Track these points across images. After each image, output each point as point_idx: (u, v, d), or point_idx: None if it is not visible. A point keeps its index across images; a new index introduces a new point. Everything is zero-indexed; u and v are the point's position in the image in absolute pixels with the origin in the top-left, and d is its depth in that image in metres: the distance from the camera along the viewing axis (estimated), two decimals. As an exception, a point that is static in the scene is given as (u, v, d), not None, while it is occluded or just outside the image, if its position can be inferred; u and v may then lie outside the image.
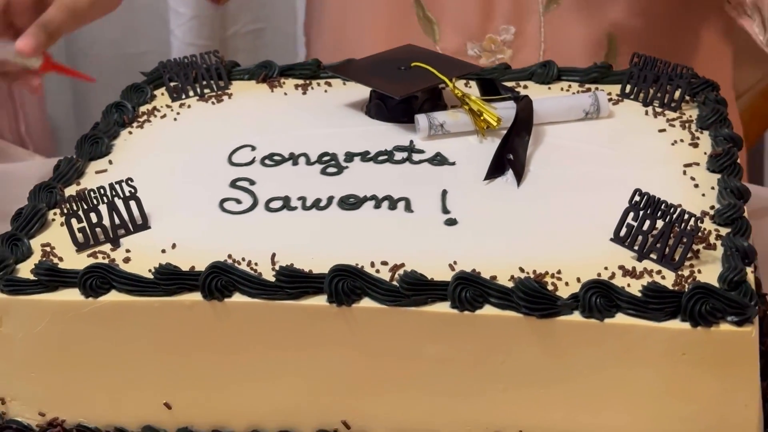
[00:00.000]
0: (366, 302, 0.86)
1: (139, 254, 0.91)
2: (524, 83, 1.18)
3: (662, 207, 0.88)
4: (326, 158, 1.04)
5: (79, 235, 0.92)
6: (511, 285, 0.85)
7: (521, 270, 0.87)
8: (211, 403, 0.91)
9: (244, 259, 0.89)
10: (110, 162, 1.06)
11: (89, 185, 0.99)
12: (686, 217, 0.87)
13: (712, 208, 0.93)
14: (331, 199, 0.98)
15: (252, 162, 1.05)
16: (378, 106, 1.10)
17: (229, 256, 0.89)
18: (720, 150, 1.01)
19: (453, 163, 1.03)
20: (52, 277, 0.89)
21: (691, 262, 0.87)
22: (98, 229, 0.93)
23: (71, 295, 0.88)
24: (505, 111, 1.06)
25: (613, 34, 1.37)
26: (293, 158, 1.04)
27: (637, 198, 0.89)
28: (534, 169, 1.02)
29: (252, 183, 1.01)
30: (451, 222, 0.94)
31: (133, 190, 0.94)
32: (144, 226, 0.95)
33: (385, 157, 1.04)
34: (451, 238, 0.92)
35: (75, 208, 0.92)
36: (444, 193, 0.98)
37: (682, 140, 1.05)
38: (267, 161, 1.04)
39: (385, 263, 0.88)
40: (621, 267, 0.87)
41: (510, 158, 1.01)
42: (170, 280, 0.88)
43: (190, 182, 1.03)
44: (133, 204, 0.94)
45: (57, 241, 0.94)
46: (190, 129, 1.12)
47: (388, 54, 1.17)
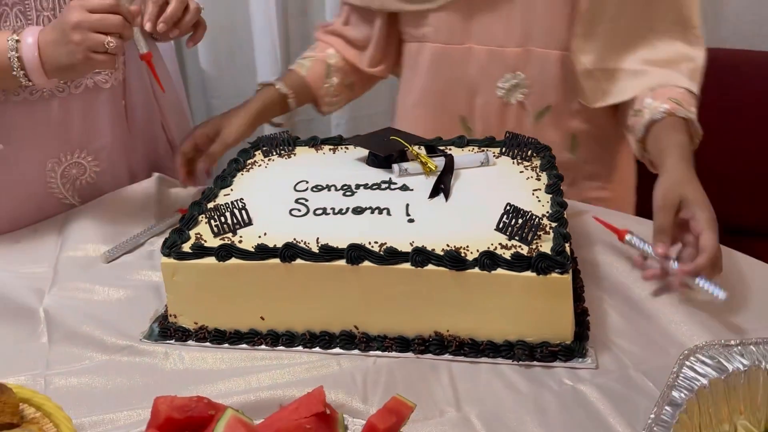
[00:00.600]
0: (366, 263, 0.86)
1: (247, 238, 0.91)
2: (450, 147, 1.13)
3: (521, 211, 0.87)
4: (345, 187, 1.02)
5: (215, 229, 0.92)
6: (442, 253, 0.85)
7: (448, 245, 0.87)
8: (285, 316, 0.90)
9: (302, 241, 0.89)
10: (231, 190, 1.05)
11: (220, 202, 1.00)
12: (534, 216, 0.87)
13: (547, 212, 0.93)
14: (348, 208, 0.96)
15: (306, 189, 1.02)
16: (372, 159, 1.08)
17: (294, 239, 0.89)
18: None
19: (412, 189, 1.01)
20: (200, 251, 0.89)
21: (536, 241, 0.87)
22: (225, 226, 0.92)
23: (211, 261, 0.88)
24: (439, 161, 1.05)
25: (575, 134, 1.25)
26: (327, 187, 1.02)
27: (508, 207, 0.88)
28: (454, 192, 1.00)
29: (306, 200, 0.99)
30: (411, 221, 0.94)
31: (243, 204, 0.94)
32: (249, 223, 0.94)
33: (377, 186, 1.02)
34: (411, 229, 0.91)
35: (213, 214, 0.93)
36: (407, 205, 0.97)
37: (531, 177, 1.04)
38: (313, 189, 1.02)
39: (376, 242, 0.88)
40: (500, 244, 0.87)
41: (442, 186, 1.00)
42: (263, 252, 0.88)
43: (273, 200, 1.00)
44: (243, 212, 0.93)
45: (203, 231, 0.93)
46: (274, 172, 1.10)
47: (377, 132, 1.13)
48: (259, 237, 0.91)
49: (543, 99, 1.21)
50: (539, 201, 0.97)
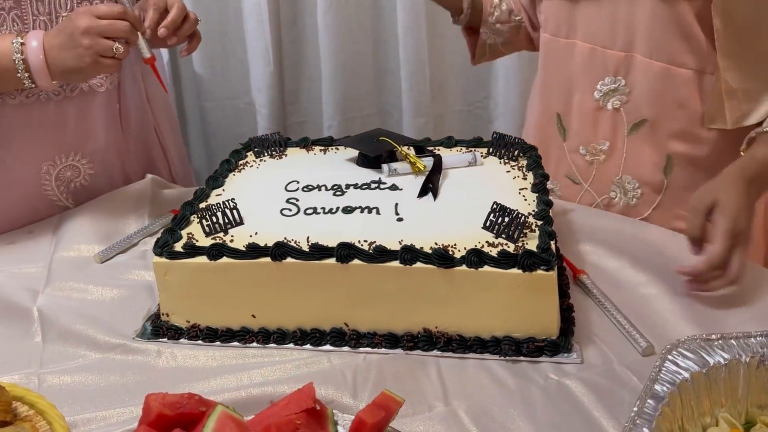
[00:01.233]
0: (356, 261, 0.86)
1: (238, 238, 0.91)
2: (438, 147, 1.13)
3: (508, 210, 0.87)
4: (335, 187, 1.01)
5: (206, 228, 0.92)
6: (430, 251, 0.85)
7: (436, 244, 0.87)
8: (275, 314, 0.90)
9: (293, 240, 0.88)
10: (223, 190, 1.04)
11: (212, 202, 0.99)
12: (520, 215, 0.87)
13: (534, 210, 0.93)
14: (338, 208, 0.96)
15: (296, 189, 1.02)
16: (362, 159, 1.08)
17: (285, 238, 0.89)
18: None
19: (401, 189, 1.00)
20: (192, 250, 0.89)
21: (522, 239, 0.87)
22: (216, 225, 0.92)
23: (202, 260, 0.88)
24: (428, 161, 1.05)
25: (671, 155, 1.16)
26: (318, 187, 1.02)
27: (495, 206, 0.88)
28: (443, 192, 1.00)
29: (297, 200, 0.99)
30: (400, 219, 0.93)
31: (234, 204, 0.94)
32: (240, 223, 0.94)
33: (366, 186, 1.01)
34: (400, 228, 0.91)
35: (204, 213, 0.92)
36: (396, 204, 0.96)
37: (518, 177, 1.03)
38: (304, 189, 1.02)
39: (366, 241, 0.88)
40: (487, 242, 0.87)
41: (430, 186, 0.99)
42: (254, 251, 0.88)
43: (264, 200, 0.99)
44: (234, 212, 0.93)
45: (195, 231, 0.93)
46: (265, 173, 1.09)
47: (367, 132, 1.13)
48: (251, 236, 0.91)
49: (639, 111, 1.15)
50: (525, 200, 0.97)
